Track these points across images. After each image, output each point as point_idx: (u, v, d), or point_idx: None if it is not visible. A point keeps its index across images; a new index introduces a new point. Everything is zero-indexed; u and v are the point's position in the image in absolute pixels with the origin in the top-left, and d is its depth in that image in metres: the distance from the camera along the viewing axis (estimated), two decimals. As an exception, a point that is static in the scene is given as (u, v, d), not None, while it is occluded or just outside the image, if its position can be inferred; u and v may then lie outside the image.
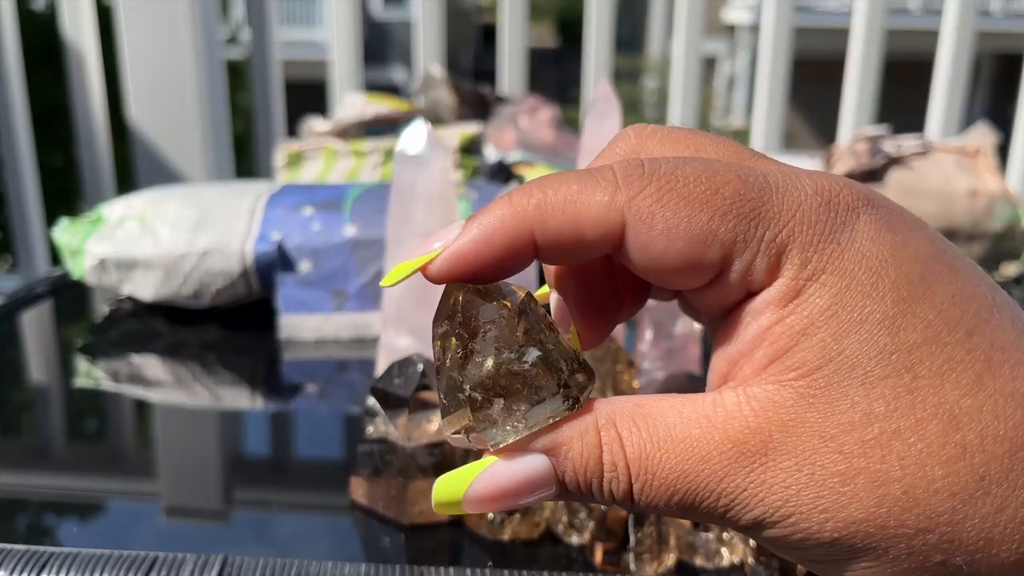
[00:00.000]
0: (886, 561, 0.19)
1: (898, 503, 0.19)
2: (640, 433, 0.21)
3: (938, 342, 0.19)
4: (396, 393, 0.40)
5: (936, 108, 1.35)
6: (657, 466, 0.20)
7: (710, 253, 0.20)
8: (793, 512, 0.20)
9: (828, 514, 0.19)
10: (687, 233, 0.20)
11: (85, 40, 1.27)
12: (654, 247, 0.20)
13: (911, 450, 0.19)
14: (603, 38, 1.34)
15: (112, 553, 0.35)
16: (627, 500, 0.21)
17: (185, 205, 0.68)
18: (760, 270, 0.20)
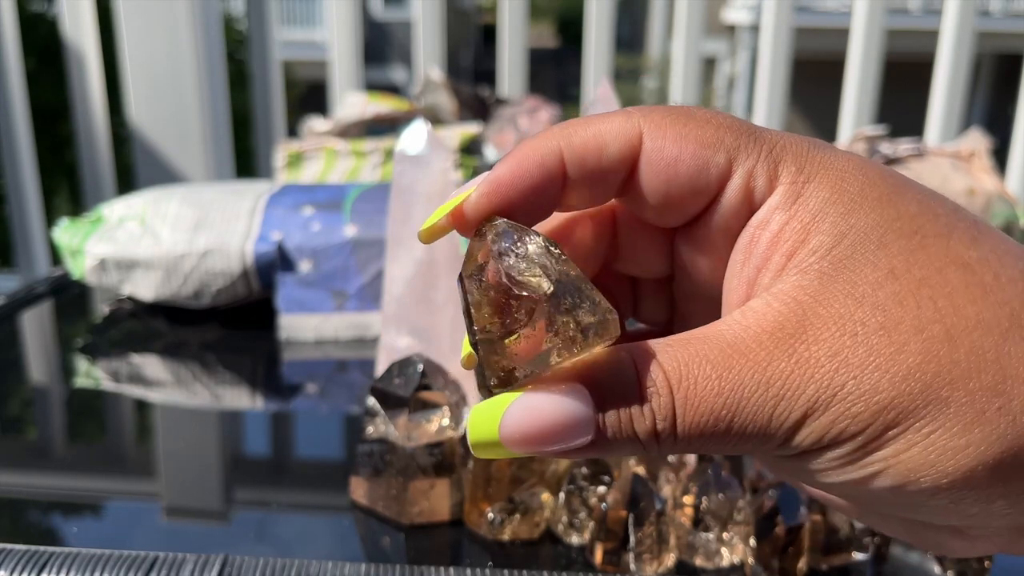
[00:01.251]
0: (948, 417, 0.19)
1: (944, 343, 0.19)
2: (673, 348, 0.20)
3: (932, 212, 0.21)
4: (396, 393, 0.40)
5: (936, 108, 1.35)
6: (698, 371, 0.20)
7: (717, 157, 0.22)
8: (846, 380, 0.19)
9: (881, 370, 0.19)
10: (697, 139, 0.22)
11: (85, 40, 1.27)
12: (668, 150, 0.22)
13: (939, 292, 0.19)
14: (603, 38, 1.34)
15: (112, 553, 0.35)
16: (670, 420, 0.20)
17: (185, 205, 0.68)
18: (761, 176, 0.21)
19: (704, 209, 0.23)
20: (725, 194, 0.22)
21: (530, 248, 0.21)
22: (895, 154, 0.87)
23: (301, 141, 0.92)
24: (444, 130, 0.89)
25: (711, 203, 0.22)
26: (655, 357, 0.20)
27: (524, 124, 0.99)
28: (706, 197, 0.22)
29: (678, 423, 0.20)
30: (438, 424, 0.41)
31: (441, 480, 0.40)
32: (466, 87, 1.10)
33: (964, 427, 0.19)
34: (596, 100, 0.52)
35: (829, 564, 0.38)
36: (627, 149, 0.22)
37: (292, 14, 9.17)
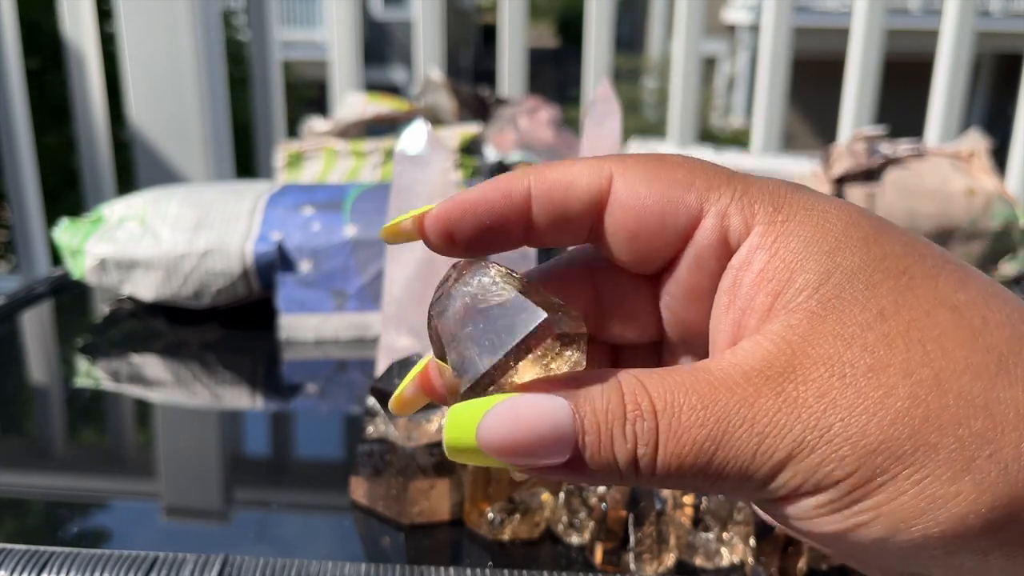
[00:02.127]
0: (938, 464, 0.18)
1: (932, 388, 0.19)
2: (662, 377, 0.20)
3: (919, 252, 0.21)
4: (396, 393, 0.40)
5: (936, 108, 1.35)
6: (684, 400, 0.19)
7: (687, 197, 0.21)
8: (833, 422, 0.18)
9: (869, 412, 0.18)
10: (667, 179, 0.22)
11: (85, 40, 1.27)
12: (638, 191, 0.22)
13: (928, 335, 0.19)
14: (603, 38, 1.34)
15: (112, 553, 0.35)
16: (651, 447, 0.19)
17: (185, 205, 0.68)
18: (735, 215, 0.21)
19: (679, 252, 0.22)
20: (697, 235, 0.22)
21: (491, 272, 0.21)
22: (895, 154, 0.87)
23: (301, 141, 0.92)
24: (444, 130, 0.89)
25: (684, 245, 0.22)
26: (641, 381, 0.20)
27: (524, 124, 0.99)
28: (676, 237, 0.22)
29: (659, 451, 0.19)
30: (438, 424, 0.41)
31: (441, 480, 0.40)
32: (466, 87, 1.10)
33: (954, 474, 0.18)
34: (596, 100, 0.52)
35: (829, 564, 0.38)
36: (595, 188, 0.22)
37: (292, 14, 9.17)
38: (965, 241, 0.83)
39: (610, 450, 0.19)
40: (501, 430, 0.19)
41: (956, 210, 0.82)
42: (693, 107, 1.42)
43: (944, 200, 0.83)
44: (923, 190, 0.83)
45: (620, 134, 0.52)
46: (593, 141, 0.52)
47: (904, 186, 0.84)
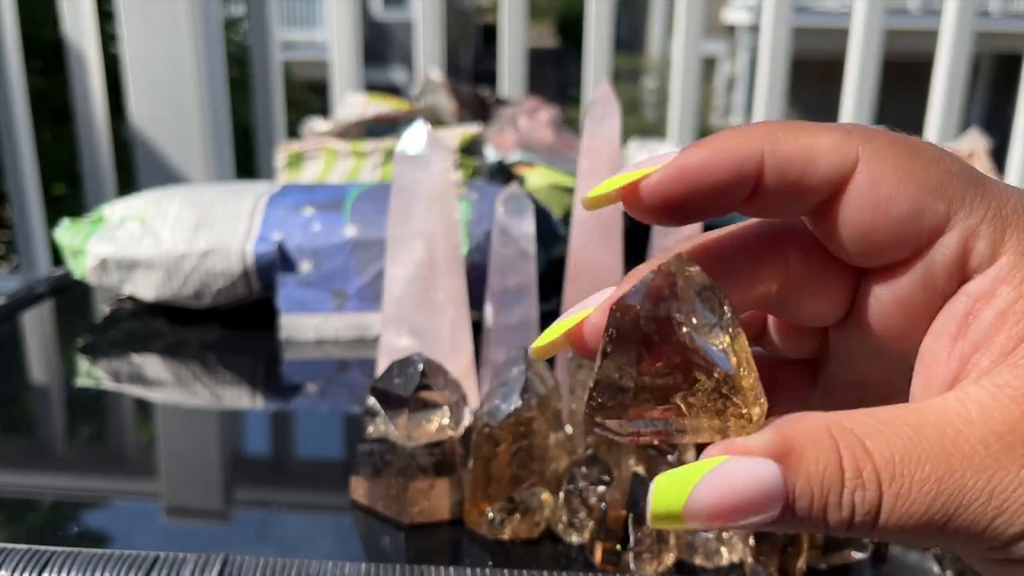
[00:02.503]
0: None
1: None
2: (887, 436, 0.18)
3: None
4: (396, 393, 0.40)
5: (935, 108, 1.35)
6: (915, 469, 0.17)
7: (936, 205, 0.19)
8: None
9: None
10: (920, 180, 0.19)
11: (86, 40, 1.27)
12: (886, 185, 0.19)
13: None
14: (603, 38, 1.34)
15: (113, 553, 0.35)
16: (871, 516, 0.18)
17: (186, 206, 0.68)
18: (984, 238, 0.19)
19: (909, 259, 0.20)
20: (936, 248, 0.19)
21: (722, 309, 0.19)
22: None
23: (301, 141, 0.92)
24: (444, 130, 0.89)
25: (917, 256, 0.20)
26: (863, 443, 0.18)
27: (524, 124, 1.00)
28: (912, 247, 0.20)
29: (881, 519, 0.18)
30: (438, 424, 0.41)
31: (441, 480, 0.40)
32: (466, 87, 1.10)
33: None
34: (596, 100, 0.52)
35: (828, 563, 0.38)
36: (838, 172, 0.20)
37: (292, 14, 9.17)
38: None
39: (822, 516, 0.18)
40: (710, 503, 0.18)
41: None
42: (693, 107, 1.42)
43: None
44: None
45: (620, 134, 0.52)
46: (593, 141, 0.52)
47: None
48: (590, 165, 0.53)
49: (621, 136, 0.52)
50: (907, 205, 0.19)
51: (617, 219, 0.54)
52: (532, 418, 0.39)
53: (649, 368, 0.19)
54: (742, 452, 0.18)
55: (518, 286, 0.49)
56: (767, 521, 0.18)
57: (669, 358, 0.19)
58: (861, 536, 0.19)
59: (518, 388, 0.39)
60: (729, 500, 0.18)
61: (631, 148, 1.17)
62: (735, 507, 0.18)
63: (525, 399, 0.39)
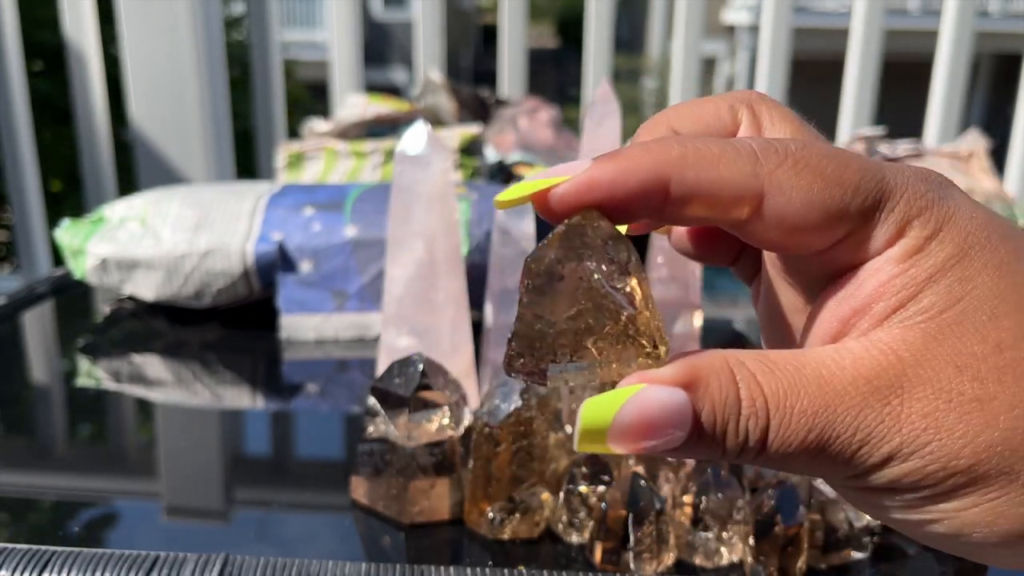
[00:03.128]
0: (1015, 489, 0.20)
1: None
2: (774, 373, 0.21)
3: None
4: (396, 392, 0.40)
5: (935, 108, 1.35)
6: (795, 401, 0.20)
7: (841, 228, 0.21)
8: (931, 440, 0.20)
9: (966, 439, 0.20)
10: (823, 204, 0.21)
11: (86, 40, 1.27)
12: (791, 218, 0.21)
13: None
14: (603, 38, 1.34)
15: (113, 553, 0.35)
16: (759, 441, 0.21)
17: (186, 206, 0.68)
18: (884, 235, 0.21)
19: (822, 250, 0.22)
20: (839, 244, 0.21)
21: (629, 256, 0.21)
22: (894, 154, 0.87)
23: (302, 142, 0.92)
24: (444, 131, 0.89)
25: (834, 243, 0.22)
26: (755, 378, 0.21)
27: (524, 124, 1.00)
28: (830, 244, 0.22)
29: (767, 446, 0.21)
30: (438, 423, 0.41)
31: (441, 479, 0.41)
32: (466, 88, 1.10)
33: None
34: (596, 100, 0.52)
35: (828, 563, 0.38)
36: (743, 209, 0.21)
37: (292, 14, 9.17)
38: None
39: (721, 441, 0.21)
40: (631, 423, 0.20)
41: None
42: (693, 107, 1.42)
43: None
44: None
45: (620, 134, 0.52)
46: (592, 141, 0.52)
47: (903, 186, 0.84)
48: (590, 165, 0.53)
49: (621, 136, 0.52)
50: (813, 235, 0.21)
51: (617, 219, 0.54)
52: (532, 418, 0.39)
53: (563, 314, 0.21)
54: (654, 382, 0.21)
55: (518, 286, 0.49)
56: (677, 444, 0.21)
57: (581, 303, 0.21)
58: (747, 462, 0.21)
59: (518, 388, 0.39)
60: (647, 421, 0.20)
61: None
62: (652, 427, 0.20)
63: (525, 399, 0.39)
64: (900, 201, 0.21)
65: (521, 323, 0.21)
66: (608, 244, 0.21)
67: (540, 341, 0.21)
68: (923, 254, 0.21)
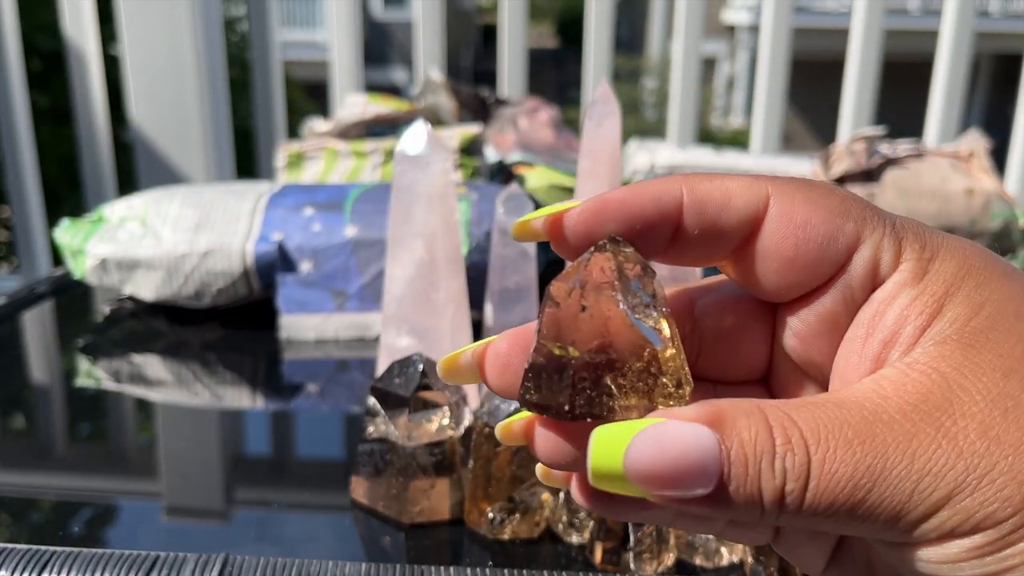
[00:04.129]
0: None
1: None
2: (810, 410, 0.19)
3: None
4: (396, 393, 0.40)
5: (935, 108, 1.35)
6: (839, 434, 0.18)
7: (847, 226, 0.21)
8: (997, 460, 0.17)
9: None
10: (827, 206, 0.21)
11: (86, 40, 1.27)
12: (798, 214, 0.21)
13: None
14: (603, 38, 1.34)
15: (113, 553, 0.35)
16: (802, 482, 0.18)
17: (186, 206, 0.68)
18: (888, 250, 0.21)
19: (828, 280, 0.21)
20: (852, 265, 0.21)
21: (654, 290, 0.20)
22: (894, 154, 0.87)
23: (301, 142, 0.92)
24: (444, 131, 0.89)
25: (835, 275, 0.21)
26: (789, 415, 0.19)
27: (524, 124, 1.00)
28: (832, 266, 0.21)
29: (810, 487, 0.18)
30: (438, 424, 0.41)
31: (441, 479, 0.41)
32: (466, 88, 1.10)
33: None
34: (596, 100, 0.52)
35: (828, 563, 0.38)
36: (752, 208, 0.21)
37: (292, 14, 9.17)
38: (964, 241, 0.83)
39: (756, 484, 0.18)
40: (648, 457, 0.18)
41: (955, 210, 0.82)
42: (693, 107, 1.42)
43: (943, 200, 0.83)
44: (922, 190, 0.84)
45: (620, 134, 0.52)
46: (592, 141, 0.52)
47: (903, 186, 0.84)
48: (590, 165, 0.53)
49: (621, 136, 0.52)
50: (822, 228, 0.21)
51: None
52: (532, 418, 0.39)
53: (584, 346, 0.19)
54: (675, 418, 0.19)
55: (518, 286, 0.49)
56: (704, 493, 0.18)
57: (604, 336, 0.19)
58: (789, 519, 0.19)
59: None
60: (667, 457, 0.18)
61: (631, 148, 1.17)
62: (673, 465, 0.18)
63: (525, 399, 0.39)
64: (896, 222, 0.21)
65: (538, 354, 0.20)
66: (636, 276, 0.20)
67: (558, 374, 0.19)
68: (932, 273, 0.20)
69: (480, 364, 0.22)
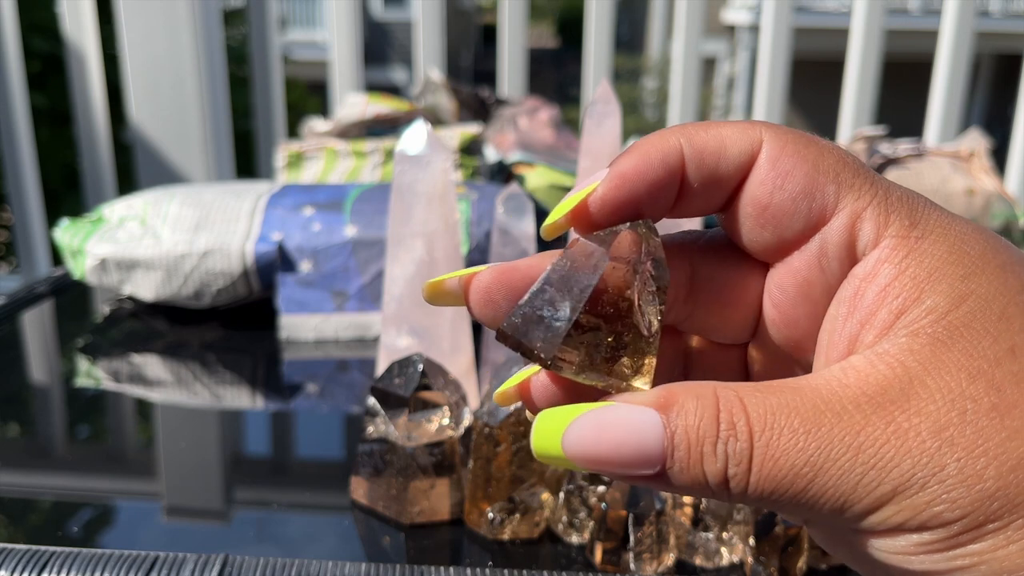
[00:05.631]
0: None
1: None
2: (763, 395, 0.19)
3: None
4: (396, 393, 0.40)
5: (935, 108, 1.35)
6: (784, 422, 0.18)
7: (828, 185, 0.20)
8: (947, 461, 0.17)
9: (988, 456, 0.17)
10: (813, 162, 0.21)
11: (86, 40, 1.27)
12: (782, 163, 0.21)
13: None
14: (603, 38, 1.34)
15: (113, 553, 0.35)
16: (744, 466, 0.18)
17: (186, 206, 0.68)
18: (869, 220, 0.20)
19: (803, 240, 0.21)
20: (827, 229, 0.21)
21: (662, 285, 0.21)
22: (894, 154, 0.87)
23: (301, 141, 0.92)
24: (444, 130, 0.89)
25: (809, 235, 0.21)
26: (740, 400, 0.19)
27: (524, 124, 1.00)
28: (805, 223, 0.21)
29: (753, 472, 0.18)
30: (438, 424, 0.41)
31: (441, 480, 0.40)
32: (466, 87, 1.10)
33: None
34: (596, 100, 0.52)
35: (828, 564, 0.38)
36: (746, 154, 0.21)
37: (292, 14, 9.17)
38: (965, 241, 0.83)
39: (699, 467, 0.19)
40: (585, 441, 0.19)
41: (955, 210, 0.82)
42: (693, 107, 1.42)
43: (944, 200, 0.83)
44: (923, 190, 0.84)
45: (620, 134, 0.52)
46: (592, 141, 0.52)
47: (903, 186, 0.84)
48: (590, 165, 0.53)
49: (621, 136, 0.52)
50: (801, 182, 0.20)
51: (617, 219, 0.54)
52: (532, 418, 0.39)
53: (587, 309, 0.20)
54: (625, 402, 0.19)
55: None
56: (648, 471, 0.19)
57: (606, 307, 0.20)
58: (736, 499, 0.19)
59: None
60: (602, 443, 0.19)
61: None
62: (611, 446, 0.19)
63: (525, 399, 0.39)
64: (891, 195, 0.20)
65: (537, 298, 0.20)
66: (654, 265, 0.21)
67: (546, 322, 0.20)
68: (917, 253, 0.19)
69: (465, 291, 0.22)
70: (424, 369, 0.40)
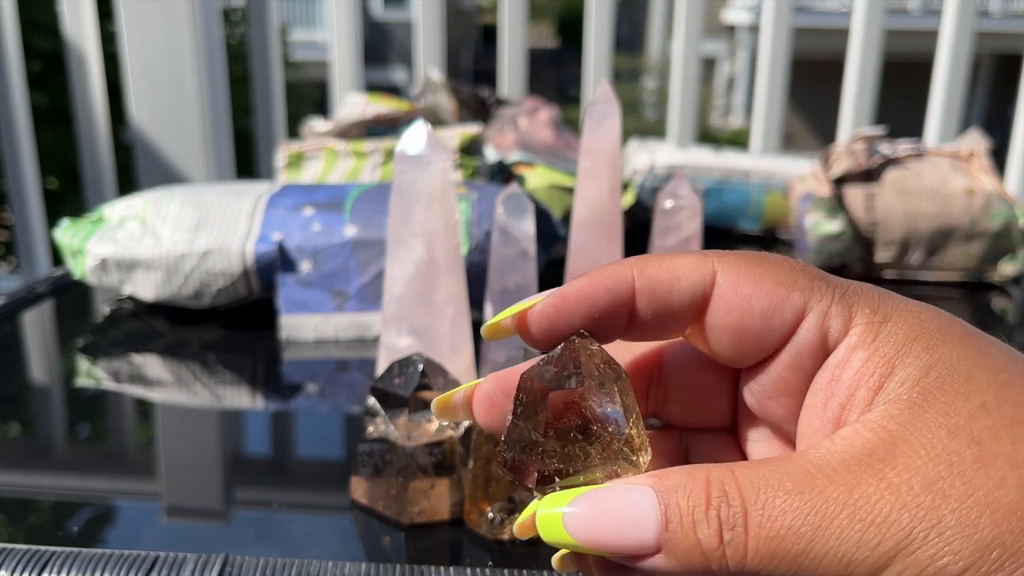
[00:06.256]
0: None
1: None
2: (753, 466, 0.20)
3: (1011, 354, 0.21)
4: (396, 393, 0.40)
5: (935, 108, 1.35)
6: (777, 485, 0.19)
7: (792, 296, 0.22)
8: (944, 513, 0.18)
9: (981, 505, 0.18)
10: (772, 278, 0.22)
11: (86, 39, 1.27)
12: (743, 288, 0.22)
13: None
14: (603, 38, 1.34)
15: (113, 553, 0.35)
16: (740, 530, 0.19)
17: (186, 206, 0.68)
18: (836, 317, 0.21)
19: (779, 349, 0.22)
20: (799, 334, 0.22)
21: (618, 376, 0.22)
22: (894, 154, 0.87)
23: (301, 142, 0.92)
24: (444, 130, 0.89)
25: (783, 343, 0.22)
26: (731, 471, 0.20)
27: (524, 124, 1.00)
28: (780, 335, 0.22)
29: (751, 534, 0.19)
30: (438, 424, 0.41)
31: (441, 480, 0.41)
32: (466, 87, 1.10)
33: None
34: (596, 100, 0.52)
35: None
36: (700, 284, 0.22)
37: (292, 14, 9.18)
38: (965, 241, 0.83)
39: (692, 535, 0.19)
40: (585, 515, 0.20)
41: (956, 210, 0.82)
42: (693, 107, 1.42)
43: (944, 200, 0.83)
44: (922, 190, 0.83)
45: (620, 134, 0.52)
46: (592, 141, 0.52)
47: (903, 186, 0.84)
48: (590, 165, 0.53)
49: (621, 136, 0.52)
50: (766, 300, 0.22)
51: (617, 219, 0.54)
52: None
53: (552, 431, 0.22)
54: (623, 483, 0.20)
55: (518, 286, 0.49)
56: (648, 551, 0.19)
57: (571, 422, 0.22)
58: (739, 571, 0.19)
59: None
60: (601, 516, 0.20)
61: (631, 148, 1.17)
62: (607, 522, 0.20)
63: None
64: (848, 290, 0.22)
65: (512, 432, 0.22)
66: (602, 367, 0.22)
67: (528, 451, 0.22)
68: (883, 335, 0.21)
69: (469, 404, 0.24)
70: (424, 369, 0.40)
